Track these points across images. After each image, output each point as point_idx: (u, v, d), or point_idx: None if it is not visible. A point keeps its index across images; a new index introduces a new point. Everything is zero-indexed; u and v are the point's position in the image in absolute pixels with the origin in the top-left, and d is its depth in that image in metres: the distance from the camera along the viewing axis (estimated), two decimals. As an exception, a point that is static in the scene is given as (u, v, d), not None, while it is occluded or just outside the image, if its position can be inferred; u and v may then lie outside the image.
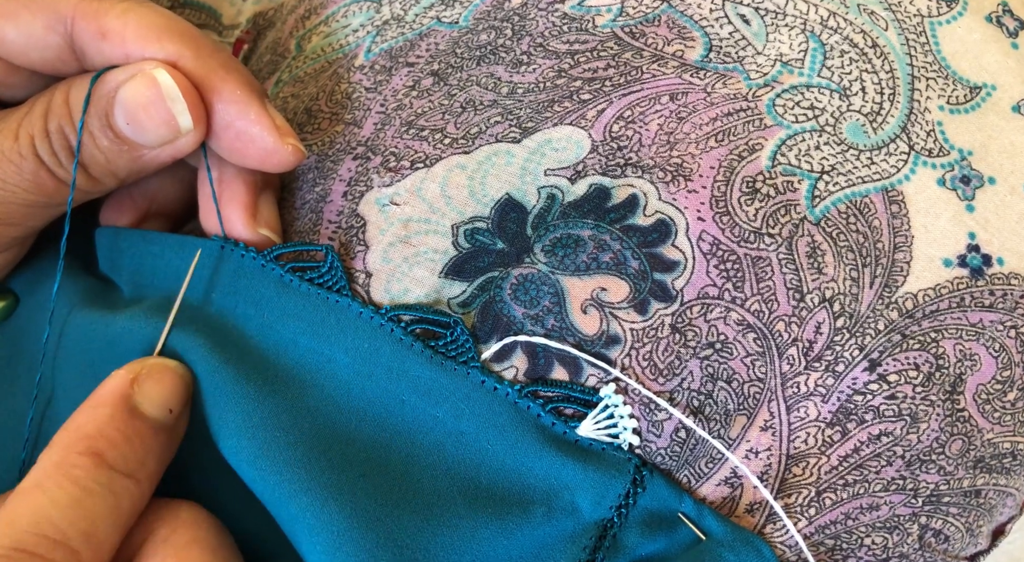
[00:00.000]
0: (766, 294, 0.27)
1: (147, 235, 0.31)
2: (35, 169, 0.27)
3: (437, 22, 0.31)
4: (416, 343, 0.27)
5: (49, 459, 0.24)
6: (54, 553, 0.22)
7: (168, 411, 0.26)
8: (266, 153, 0.27)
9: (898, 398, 0.27)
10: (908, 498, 0.28)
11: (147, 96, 0.26)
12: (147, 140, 0.27)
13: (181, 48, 0.27)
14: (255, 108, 0.27)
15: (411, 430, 0.27)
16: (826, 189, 0.28)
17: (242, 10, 0.37)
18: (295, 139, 0.28)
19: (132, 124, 0.27)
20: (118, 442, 0.24)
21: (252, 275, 0.28)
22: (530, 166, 0.28)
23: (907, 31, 0.29)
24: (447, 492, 0.26)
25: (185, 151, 0.28)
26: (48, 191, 0.28)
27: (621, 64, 0.29)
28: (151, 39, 0.27)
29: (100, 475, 0.24)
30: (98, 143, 0.27)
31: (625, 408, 0.26)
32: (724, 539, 0.26)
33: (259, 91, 0.28)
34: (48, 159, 0.27)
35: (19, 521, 0.22)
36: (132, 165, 0.28)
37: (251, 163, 0.28)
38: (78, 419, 0.25)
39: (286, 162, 0.28)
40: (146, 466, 0.25)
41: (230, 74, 0.27)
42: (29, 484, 0.23)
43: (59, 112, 0.27)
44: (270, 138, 0.27)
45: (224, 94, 0.27)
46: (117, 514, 0.24)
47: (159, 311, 0.28)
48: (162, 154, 0.28)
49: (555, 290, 0.27)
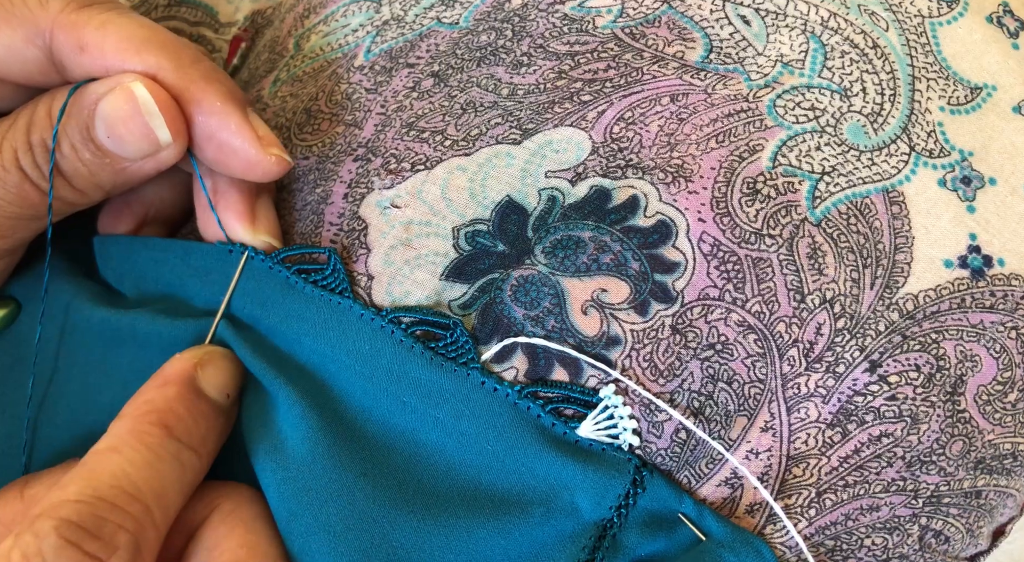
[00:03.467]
0: (767, 295, 0.27)
1: (147, 241, 0.31)
2: (19, 182, 0.27)
3: (437, 23, 0.31)
4: (416, 345, 0.27)
5: (122, 427, 0.25)
6: (131, 506, 0.23)
7: (226, 395, 0.27)
8: (249, 164, 0.27)
9: (899, 399, 0.27)
10: (908, 499, 0.28)
11: (126, 110, 0.26)
12: (128, 153, 0.27)
13: (160, 59, 0.27)
14: (235, 119, 0.27)
15: (412, 431, 0.27)
16: (827, 190, 0.28)
17: (240, 7, 0.37)
18: (279, 148, 0.28)
19: (112, 137, 0.27)
20: (185, 418, 0.25)
21: (259, 277, 0.28)
22: (531, 168, 0.28)
23: (908, 32, 0.29)
24: (446, 493, 0.26)
25: (168, 163, 0.28)
26: (33, 203, 0.28)
27: (621, 65, 0.29)
28: (130, 51, 0.27)
29: (170, 445, 0.25)
30: (80, 156, 0.27)
31: (625, 409, 0.26)
32: (724, 540, 0.26)
33: (241, 101, 0.28)
34: (31, 172, 0.27)
35: (100, 475, 0.23)
36: (116, 178, 0.28)
37: (235, 173, 0.28)
38: (147, 394, 0.26)
39: (270, 172, 0.28)
40: (207, 444, 0.26)
41: (211, 85, 0.27)
42: (104, 447, 0.24)
43: (41, 125, 0.27)
44: (252, 149, 0.27)
45: (204, 106, 0.27)
46: (183, 482, 0.25)
47: (176, 312, 0.28)
48: (145, 166, 0.28)
49: (555, 291, 0.27)
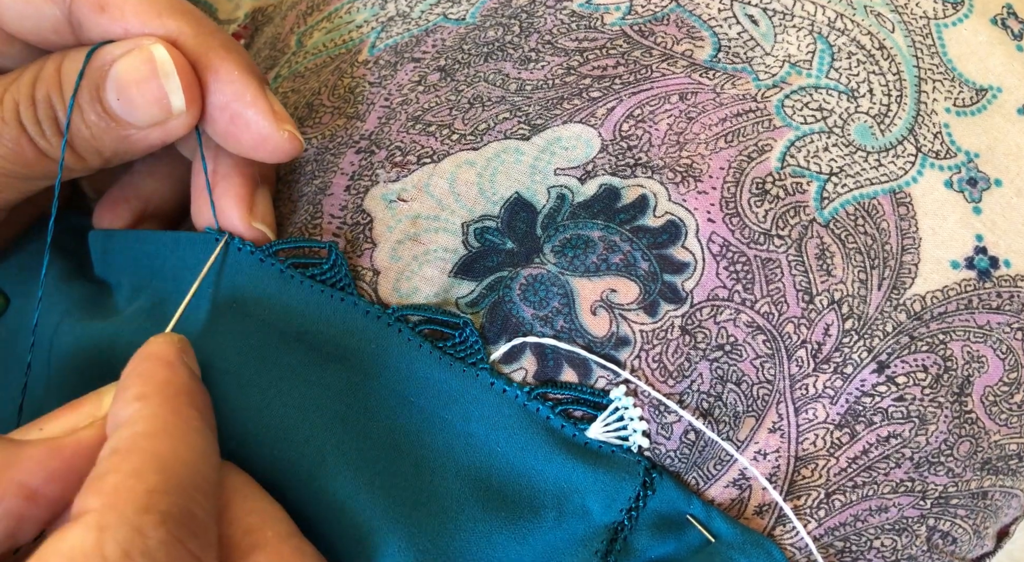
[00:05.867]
0: (776, 296, 0.27)
1: (141, 235, 0.30)
2: (16, 136, 0.26)
3: (443, 18, 0.31)
4: (424, 344, 0.26)
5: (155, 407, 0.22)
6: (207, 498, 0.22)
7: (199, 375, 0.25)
8: (261, 139, 0.26)
9: (906, 400, 0.27)
10: (917, 500, 0.28)
11: (141, 72, 0.25)
12: (136, 118, 0.26)
13: (182, 25, 0.26)
14: (252, 90, 0.26)
15: (419, 432, 0.26)
16: (835, 191, 0.28)
17: (240, 4, 0.37)
18: (293, 126, 0.27)
19: (123, 100, 0.26)
20: (207, 399, 0.24)
21: (250, 270, 0.27)
22: (540, 165, 0.27)
23: (913, 33, 0.30)
24: (460, 495, 0.26)
25: (175, 135, 0.27)
26: (27, 160, 0.27)
27: (630, 62, 0.28)
28: (152, 14, 0.26)
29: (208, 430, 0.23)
30: (85, 117, 0.26)
31: (635, 410, 0.26)
32: (734, 541, 0.26)
33: (259, 75, 0.27)
34: (31, 127, 0.26)
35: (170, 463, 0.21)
36: (118, 145, 0.27)
37: (245, 149, 0.27)
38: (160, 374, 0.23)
39: (281, 150, 0.27)
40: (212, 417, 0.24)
41: (230, 54, 0.26)
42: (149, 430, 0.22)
43: (49, 81, 0.26)
44: (265, 123, 0.26)
45: (221, 74, 0.26)
46: None
47: (159, 312, 0.28)
48: (151, 135, 0.27)
49: (565, 291, 0.26)
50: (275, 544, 0.23)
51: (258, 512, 0.23)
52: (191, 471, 0.21)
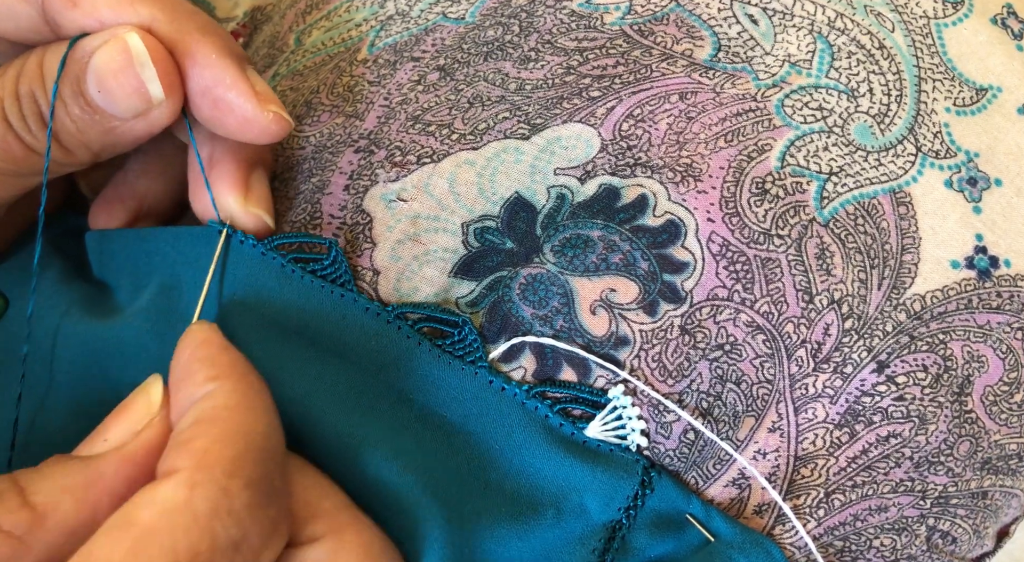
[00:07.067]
0: (775, 296, 0.27)
1: (139, 233, 0.30)
2: (2, 133, 0.26)
3: (443, 18, 0.31)
4: (424, 342, 0.26)
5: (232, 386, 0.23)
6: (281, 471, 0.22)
7: None
8: (245, 121, 0.26)
9: (906, 399, 0.27)
10: (916, 499, 0.28)
11: (118, 62, 0.25)
12: (118, 110, 0.26)
13: (155, 11, 0.26)
14: (232, 73, 0.26)
15: (418, 429, 0.26)
16: (835, 190, 0.27)
17: (239, 2, 0.37)
18: (278, 106, 0.26)
19: (103, 92, 0.26)
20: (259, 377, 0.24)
21: (251, 264, 0.27)
22: (540, 164, 0.27)
23: (913, 33, 0.29)
24: (460, 490, 0.26)
25: (160, 124, 0.26)
26: (15, 157, 0.27)
27: (630, 62, 0.28)
28: (124, 3, 0.26)
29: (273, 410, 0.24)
30: (69, 111, 0.26)
31: (634, 409, 0.26)
32: (733, 541, 0.26)
33: (239, 56, 0.27)
34: (16, 122, 0.26)
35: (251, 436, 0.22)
36: (105, 137, 0.27)
37: (232, 132, 0.27)
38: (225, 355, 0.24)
39: (267, 131, 0.26)
40: None
41: (206, 37, 0.26)
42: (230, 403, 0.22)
43: (31, 75, 0.26)
44: (248, 105, 0.26)
45: (199, 58, 0.26)
46: None
47: (163, 307, 0.28)
48: (136, 127, 0.26)
49: (564, 291, 0.26)
50: (333, 513, 0.24)
51: (314, 486, 0.24)
52: (270, 443, 0.22)
